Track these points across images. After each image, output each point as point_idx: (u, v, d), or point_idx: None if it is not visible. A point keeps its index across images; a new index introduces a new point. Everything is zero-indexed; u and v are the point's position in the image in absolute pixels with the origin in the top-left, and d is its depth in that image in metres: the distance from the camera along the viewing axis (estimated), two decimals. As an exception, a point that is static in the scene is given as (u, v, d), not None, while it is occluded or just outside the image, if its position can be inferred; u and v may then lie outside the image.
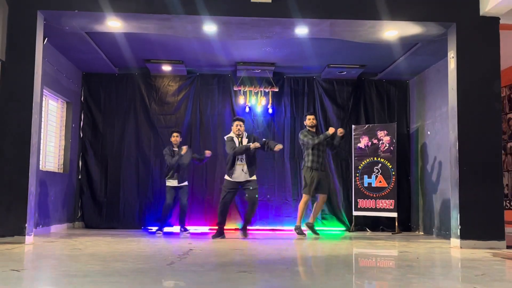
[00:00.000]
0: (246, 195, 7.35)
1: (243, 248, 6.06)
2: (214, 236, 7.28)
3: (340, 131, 7.75)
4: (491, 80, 6.28)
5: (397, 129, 8.75)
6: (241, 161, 7.28)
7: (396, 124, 8.80)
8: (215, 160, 8.95)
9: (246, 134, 7.50)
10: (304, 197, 7.68)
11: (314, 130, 7.89)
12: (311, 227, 7.77)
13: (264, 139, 7.60)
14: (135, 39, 7.35)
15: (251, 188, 7.28)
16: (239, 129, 7.35)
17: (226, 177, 7.35)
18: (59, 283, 3.45)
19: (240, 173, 7.26)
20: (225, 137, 7.50)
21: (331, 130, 7.71)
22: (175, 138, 8.07)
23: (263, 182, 8.78)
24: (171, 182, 7.96)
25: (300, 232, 7.62)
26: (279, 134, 9.15)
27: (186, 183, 8.08)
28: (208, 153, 8.18)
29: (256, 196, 7.32)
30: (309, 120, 7.87)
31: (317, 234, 7.75)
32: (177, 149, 8.05)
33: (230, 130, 8.95)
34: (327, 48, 7.74)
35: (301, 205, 7.71)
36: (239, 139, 7.37)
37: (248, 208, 7.39)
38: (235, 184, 7.31)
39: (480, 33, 6.32)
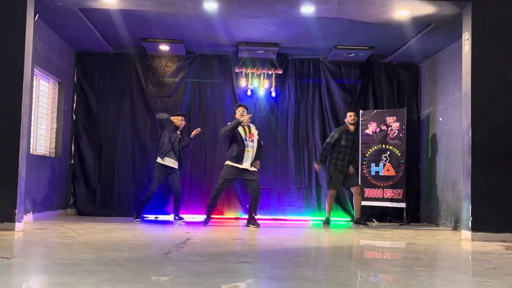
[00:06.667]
0: (248, 188, 7.40)
1: (244, 238, 6.10)
2: (205, 222, 7.44)
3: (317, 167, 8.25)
4: (508, 64, 6.26)
5: (407, 115, 8.75)
6: (251, 147, 7.32)
7: (406, 110, 8.79)
8: (215, 145, 8.98)
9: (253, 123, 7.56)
10: (329, 192, 8.07)
11: (353, 128, 8.10)
12: (357, 222, 8.12)
13: (261, 142, 7.64)
14: (131, 17, 7.31)
15: (252, 179, 7.31)
16: (242, 114, 7.39)
17: (229, 162, 7.35)
18: (50, 272, 3.49)
19: (248, 159, 7.29)
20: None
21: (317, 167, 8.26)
22: (180, 122, 8.08)
23: (265, 170, 8.80)
24: (168, 161, 7.91)
25: (327, 225, 7.95)
26: (283, 119, 9.14)
27: (178, 167, 8.12)
28: (196, 131, 8.08)
29: (259, 188, 7.38)
30: (350, 117, 8.10)
31: (366, 224, 8.14)
32: (178, 133, 8.06)
33: (231, 114, 8.92)
34: (335, 28, 7.70)
35: (327, 199, 8.09)
36: (245, 127, 7.39)
37: (251, 202, 7.41)
38: (237, 172, 7.31)
39: (497, 14, 6.29)
